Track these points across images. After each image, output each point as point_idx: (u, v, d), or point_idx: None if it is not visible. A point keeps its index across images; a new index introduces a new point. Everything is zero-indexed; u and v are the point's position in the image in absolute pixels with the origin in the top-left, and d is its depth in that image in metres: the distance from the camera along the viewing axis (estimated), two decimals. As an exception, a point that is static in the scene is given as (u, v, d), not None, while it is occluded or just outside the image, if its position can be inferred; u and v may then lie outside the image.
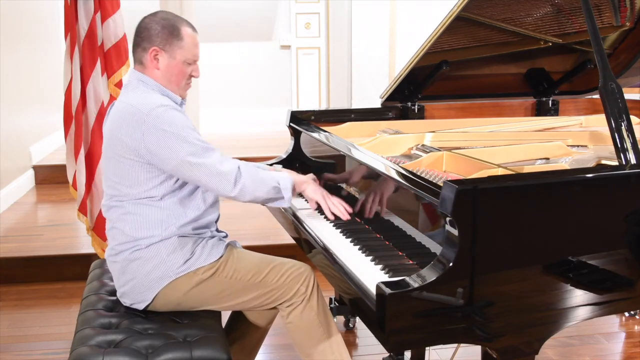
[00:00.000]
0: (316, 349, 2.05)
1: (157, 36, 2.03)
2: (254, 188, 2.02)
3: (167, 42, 2.03)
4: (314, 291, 2.06)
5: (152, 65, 2.05)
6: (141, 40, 2.05)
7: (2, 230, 4.20)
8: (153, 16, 2.07)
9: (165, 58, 2.05)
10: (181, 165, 1.95)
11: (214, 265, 2.04)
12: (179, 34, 2.04)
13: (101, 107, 3.31)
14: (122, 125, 1.97)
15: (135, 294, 2.04)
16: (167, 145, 1.93)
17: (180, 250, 2.01)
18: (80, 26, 3.25)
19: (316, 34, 7.51)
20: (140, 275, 2.01)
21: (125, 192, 2.01)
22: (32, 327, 3.15)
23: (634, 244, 1.75)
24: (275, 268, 2.06)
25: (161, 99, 2.01)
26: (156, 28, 2.03)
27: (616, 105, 1.89)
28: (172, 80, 2.07)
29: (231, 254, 2.08)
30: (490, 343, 1.64)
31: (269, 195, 2.06)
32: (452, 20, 2.43)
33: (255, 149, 5.67)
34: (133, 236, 2.02)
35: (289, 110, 2.91)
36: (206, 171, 1.96)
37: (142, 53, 2.06)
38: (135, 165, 1.98)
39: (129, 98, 2.02)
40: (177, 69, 2.06)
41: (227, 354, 1.90)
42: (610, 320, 3.16)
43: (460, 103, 3.09)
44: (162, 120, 1.94)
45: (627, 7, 2.71)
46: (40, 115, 5.72)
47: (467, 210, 1.55)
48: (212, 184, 1.98)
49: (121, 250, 2.04)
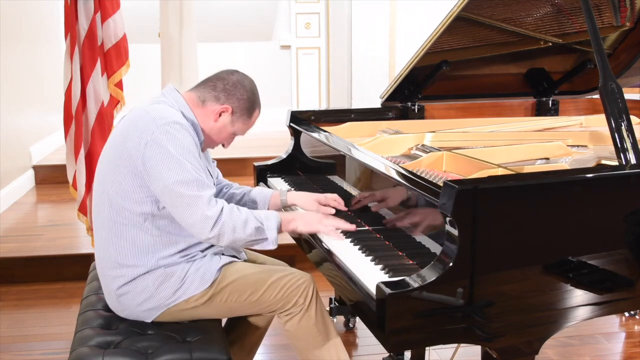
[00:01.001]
0: (314, 355, 2.04)
1: (238, 100, 2.03)
2: (232, 232, 1.88)
3: (240, 112, 2.05)
4: (313, 301, 2.02)
5: (212, 115, 2.02)
6: (223, 90, 2.03)
7: (2, 230, 4.20)
8: (248, 82, 2.07)
9: (227, 120, 2.04)
10: (167, 191, 1.85)
11: (206, 292, 1.97)
12: (252, 114, 2.08)
13: (101, 107, 3.31)
14: (130, 129, 1.91)
15: (131, 318, 2.02)
16: (162, 163, 1.84)
17: (168, 281, 1.95)
18: (80, 26, 3.25)
19: (316, 34, 7.51)
20: (131, 307, 1.98)
21: (116, 202, 1.92)
22: (32, 327, 3.15)
23: (634, 244, 1.75)
24: (272, 285, 2.00)
25: (179, 118, 1.94)
26: (243, 95, 2.04)
27: (616, 105, 1.89)
28: (213, 136, 2.07)
29: (225, 277, 2.00)
30: (490, 343, 1.64)
31: (251, 238, 1.93)
32: (452, 20, 2.43)
33: (255, 149, 5.67)
34: (119, 263, 1.95)
35: (289, 110, 2.91)
36: (189, 205, 1.85)
37: (212, 99, 2.02)
38: (129, 177, 1.90)
39: (150, 108, 1.95)
40: (226, 134, 2.07)
41: (227, 354, 1.89)
42: (610, 320, 3.15)
43: (460, 103, 3.09)
44: (169, 137, 1.86)
45: (627, 7, 2.71)
46: (40, 115, 5.72)
47: (467, 210, 1.55)
48: (191, 222, 1.86)
49: (107, 274, 1.99)
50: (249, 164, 3.50)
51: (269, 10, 7.73)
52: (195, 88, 2.08)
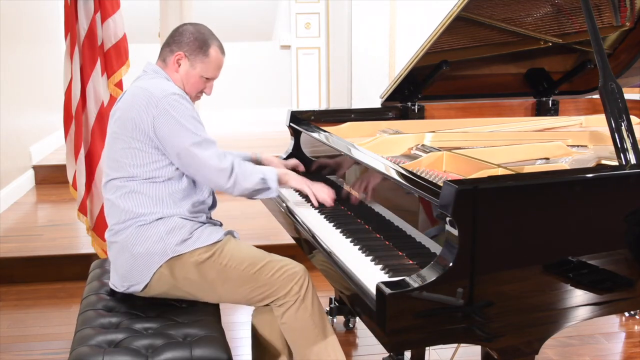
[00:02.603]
0: (311, 350, 2.05)
1: (187, 44, 2.17)
2: (244, 180, 2.12)
3: (193, 52, 2.17)
4: (308, 292, 2.07)
5: (173, 67, 2.18)
6: (172, 42, 2.19)
7: (2, 230, 4.20)
8: (192, 25, 2.22)
9: (186, 65, 2.17)
10: (184, 154, 2.05)
11: (210, 248, 2.08)
12: (207, 50, 2.18)
13: (101, 107, 3.32)
14: (134, 106, 2.06)
15: (133, 275, 2.07)
16: (174, 132, 2.03)
17: (179, 230, 2.07)
18: (80, 26, 3.25)
19: (316, 34, 7.51)
20: (138, 252, 2.05)
21: (132, 172, 2.08)
22: (32, 327, 3.15)
23: (634, 244, 1.75)
24: (270, 263, 2.09)
25: (175, 88, 2.12)
26: (189, 37, 2.17)
27: (616, 105, 1.89)
28: (186, 88, 2.20)
29: (228, 242, 2.13)
30: (490, 343, 1.64)
31: (257, 187, 2.15)
32: (452, 20, 2.43)
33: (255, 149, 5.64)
34: (135, 212, 2.07)
35: (289, 110, 2.91)
36: (206, 163, 2.06)
37: (168, 54, 2.19)
38: (143, 147, 2.06)
39: (144, 83, 2.12)
40: (193, 79, 2.19)
41: (227, 353, 1.90)
42: (610, 320, 3.16)
43: (460, 103, 3.09)
44: (173, 107, 2.04)
45: (627, 7, 2.71)
46: (40, 115, 5.72)
47: (467, 210, 1.55)
48: (210, 176, 2.09)
49: (121, 230, 2.09)
50: (249, 164, 3.49)
51: (269, 10, 7.74)
52: (159, 54, 2.23)
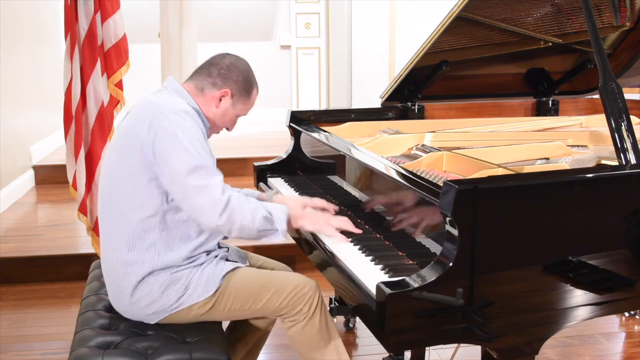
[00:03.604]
0: (316, 357, 2.03)
1: (235, 83, 2.07)
2: (241, 216, 1.87)
3: (238, 92, 2.08)
4: (317, 309, 2.01)
5: (213, 102, 2.06)
6: (218, 75, 2.06)
7: (2, 230, 4.20)
8: (239, 61, 2.11)
9: (228, 103, 2.08)
10: (178, 178, 1.86)
11: (209, 300, 1.97)
12: (251, 93, 2.12)
13: (101, 107, 3.31)
14: (139, 120, 1.92)
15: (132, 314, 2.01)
16: (173, 152, 1.86)
17: (173, 286, 1.94)
18: (80, 26, 3.25)
19: (316, 34, 7.51)
20: (136, 310, 1.98)
21: (125, 196, 1.93)
22: (32, 327, 3.15)
23: (634, 244, 1.75)
24: (276, 293, 1.99)
25: (186, 106, 1.96)
26: (239, 76, 2.08)
27: (616, 105, 1.89)
28: (217, 122, 2.10)
29: (228, 284, 1.99)
30: (490, 343, 1.64)
31: (260, 228, 1.91)
32: (452, 20, 2.43)
33: (255, 149, 5.66)
34: (124, 259, 1.93)
35: (289, 110, 2.91)
36: (198, 192, 1.85)
37: (210, 86, 2.06)
38: (139, 168, 1.90)
39: (154, 98, 1.99)
40: (229, 117, 2.11)
41: (227, 355, 1.89)
42: (610, 320, 3.15)
43: (460, 103, 3.09)
44: (178, 125, 1.88)
45: (627, 7, 2.71)
46: (40, 115, 5.72)
47: (467, 210, 1.55)
48: (198, 208, 1.86)
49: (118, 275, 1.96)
50: (249, 164, 3.49)
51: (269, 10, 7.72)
52: (191, 78, 2.11)
